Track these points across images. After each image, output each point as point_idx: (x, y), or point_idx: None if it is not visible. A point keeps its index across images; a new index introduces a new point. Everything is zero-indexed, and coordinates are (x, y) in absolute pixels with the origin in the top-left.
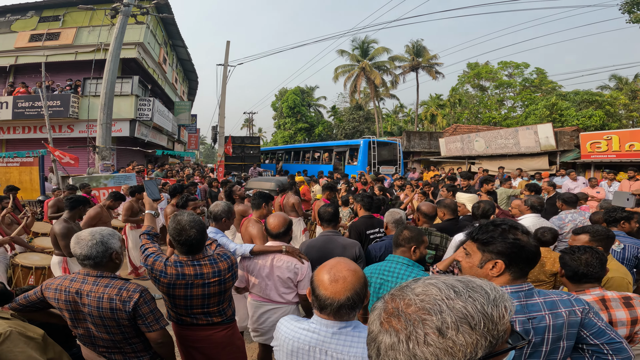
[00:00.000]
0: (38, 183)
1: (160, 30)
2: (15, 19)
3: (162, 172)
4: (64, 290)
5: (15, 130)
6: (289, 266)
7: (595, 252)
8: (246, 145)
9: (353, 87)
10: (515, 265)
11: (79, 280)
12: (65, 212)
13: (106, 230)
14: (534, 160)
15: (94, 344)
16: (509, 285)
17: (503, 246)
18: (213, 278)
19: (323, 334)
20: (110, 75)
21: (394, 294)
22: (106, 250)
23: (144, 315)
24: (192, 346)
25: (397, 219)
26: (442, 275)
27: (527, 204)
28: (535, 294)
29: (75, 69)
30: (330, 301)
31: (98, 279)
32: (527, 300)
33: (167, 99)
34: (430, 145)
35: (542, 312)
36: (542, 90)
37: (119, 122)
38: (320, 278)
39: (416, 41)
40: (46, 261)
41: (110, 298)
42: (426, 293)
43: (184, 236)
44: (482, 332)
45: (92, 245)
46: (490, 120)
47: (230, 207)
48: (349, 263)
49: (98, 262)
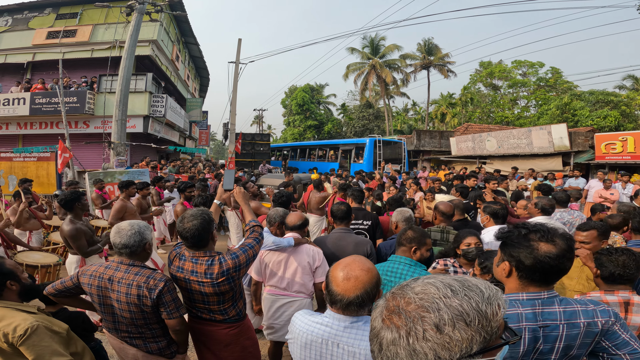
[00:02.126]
0: (54, 177)
1: (174, 27)
2: (33, 16)
3: (174, 168)
4: (98, 276)
5: (33, 126)
6: (307, 251)
7: (632, 254)
8: (256, 142)
9: (363, 85)
10: (525, 271)
11: (113, 268)
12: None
13: (142, 222)
14: (547, 160)
15: (117, 329)
16: (525, 292)
17: (513, 249)
18: (205, 279)
19: (336, 327)
20: (126, 72)
21: (395, 293)
22: (142, 240)
23: (167, 303)
24: (198, 339)
25: (406, 217)
26: (440, 275)
27: (538, 206)
28: (557, 302)
29: (91, 65)
30: (340, 297)
31: (130, 267)
32: (543, 309)
33: (180, 96)
34: (440, 144)
35: (557, 321)
36: (557, 90)
37: (133, 118)
38: (334, 274)
39: (427, 39)
40: (49, 259)
41: (138, 285)
42: (425, 292)
43: (181, 227)
44: (476, 328)
45: (130, 235)
46: (503, 119)
47: (286, 213)
48: (364, 263)
49: (134, 250)
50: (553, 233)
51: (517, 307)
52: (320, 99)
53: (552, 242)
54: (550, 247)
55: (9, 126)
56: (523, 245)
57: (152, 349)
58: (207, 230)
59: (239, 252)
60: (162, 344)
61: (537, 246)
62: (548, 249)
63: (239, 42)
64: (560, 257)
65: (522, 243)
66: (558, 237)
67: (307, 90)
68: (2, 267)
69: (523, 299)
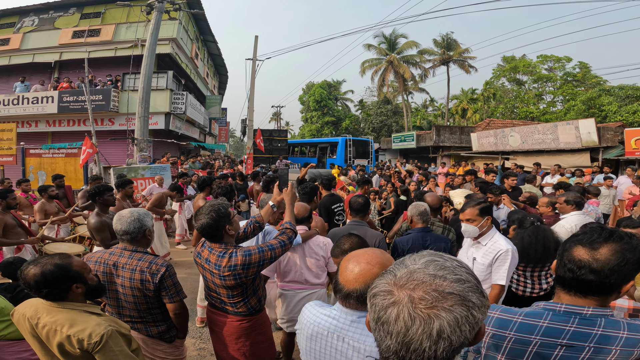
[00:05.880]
0: (82, 173)
1: (192, 26)
2: (58, 15)
3: (194, 164)
4: (103, 262)
5: (61, 123)
6: (319, 243)
7: None
8: (274, 138)
9: (381, 81)
10: (562, 282)
11: (117, 254)
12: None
13: (142, 210)
14: (574, 156)
15: (120, 314)
16: (565, 303)
17: (559, 258)
18: (215, 270)
19: (342, 321)
20: (147, 70)
21: (406, 282)
22: (141, 227)
23: (168, 287)
24: (212, 328)
25: (421, 212)
26: (419, 253)
27: (570, 202)
28: (600, 324)
29: (114, 64)
30: (341, 287)
31: (133, 253)
32: (578, 328)
33: (199, 93)
34: (461, 140)
35: (585, 343)
36: (585, 85)
37: (155, 115)
38: (343, 263)
39: (446, 34)
40: (75, 249)
41: (141, 270)
42: (440, 267)
43: (197, 220)
44: (482, 311)
45: (130, 221)
46: (528, 114)
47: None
48: (376, 257)
49: (134, 237)
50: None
51: (541, 319)
52: (338, 95)
53: (592, 250)
54: (596, 259)
55: (39, 124)
56: (559, 256)
57: (152, 333)
58: (218, 226)
59: (255, 250)
60: (162, 328)
61: (584, 257)
62: (593, 263)
63: (255, 39)
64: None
65: (563, 256)
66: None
67: (324, 87)
68: (69, 270)
69: (561, 310)
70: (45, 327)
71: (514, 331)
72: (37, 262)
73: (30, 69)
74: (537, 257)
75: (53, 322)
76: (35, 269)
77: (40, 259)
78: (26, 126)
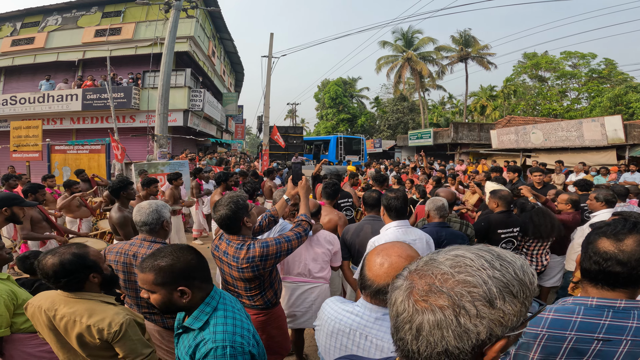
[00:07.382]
0: (105, 169)
1: (209, 24)
2: (81, 14)
3: (211, 160)
4: (124, 253)
5: (85, 120)
6: (325, 237)
7: None
8: (289, 135)
9: (397, 78)
10: (588, 275)
11: (137, 245)
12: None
13: (160, 202)
14: (599, 154)
15: (139, 305)
16: (596, 297)
17: (583, 250)
18: (233, 262)
19: (366, 318)
20: (166, 68)
21: (420, 270)
22: (159, 218)
23: None
24: None
25: (439, 206)
26: (461, 246)
27: (600, 199)
28: (635, 316)
29: (135, 62)
30: (370, 283)
31: (152, 243)
32: (613, 321)
33: (216, 91)
34: (480, 137)
35: (622, 336)
36: (611, 82)
37: (173, 112)
38: (370, 258)
39: (464, 31)
40: (98, 245)
41: None
42: (460, 265)
43: (216, 212)
44: (522, 299)
45: (149, 212)
46: (550, 112)
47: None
48: (405, 249)
49: (152, 227)
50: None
51: (573, 314)
52: (353, 92)
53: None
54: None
55: (63, 121)
56: (586, 249)
57: (168, 325)
58: (235, 218)
59: (272, 242)
60: None
61: (611, 250)
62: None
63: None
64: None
65: (590, 249)
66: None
67: (339, 84)
68: (87, 259)
69: (593, 304)
70: (63, 318)
71: (545, 328)
72: (54, 252)
73: (54, 67)
74: (547, 232)
75: (72, 312)
76: (53, 258)
77: (56, 249)
78: (51, 123)
